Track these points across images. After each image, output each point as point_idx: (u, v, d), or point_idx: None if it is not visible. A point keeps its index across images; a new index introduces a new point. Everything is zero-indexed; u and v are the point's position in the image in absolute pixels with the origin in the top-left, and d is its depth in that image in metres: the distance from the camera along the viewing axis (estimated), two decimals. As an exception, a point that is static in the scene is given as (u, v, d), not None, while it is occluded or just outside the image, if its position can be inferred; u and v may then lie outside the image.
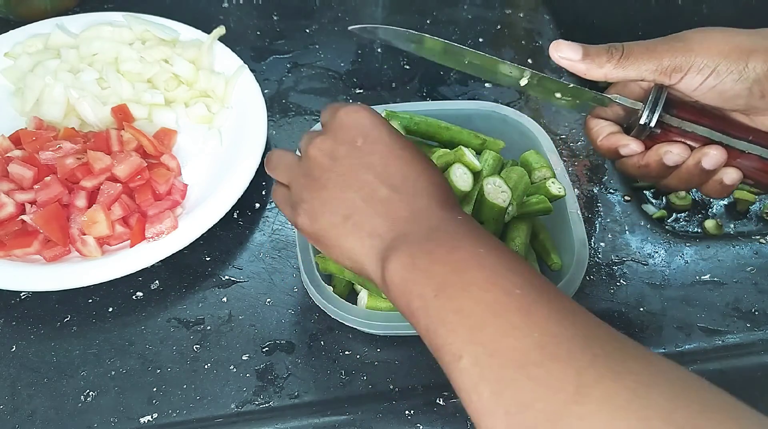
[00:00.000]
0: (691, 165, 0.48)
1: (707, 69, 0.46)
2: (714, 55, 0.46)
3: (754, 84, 0.46)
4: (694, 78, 0.46)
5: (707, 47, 0.46)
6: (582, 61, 0.48)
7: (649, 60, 0.47)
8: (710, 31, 0.47)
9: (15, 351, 0.60)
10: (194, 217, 0.65)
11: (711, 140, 0.47)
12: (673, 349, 0.62)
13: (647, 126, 0.48)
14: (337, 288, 0.61)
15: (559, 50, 0.49)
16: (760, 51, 0.45)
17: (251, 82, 0.77)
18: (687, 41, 0.47)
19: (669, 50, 0.46)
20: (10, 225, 0.63)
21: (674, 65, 0.46)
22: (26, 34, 0.80)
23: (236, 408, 0.57)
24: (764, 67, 0.45)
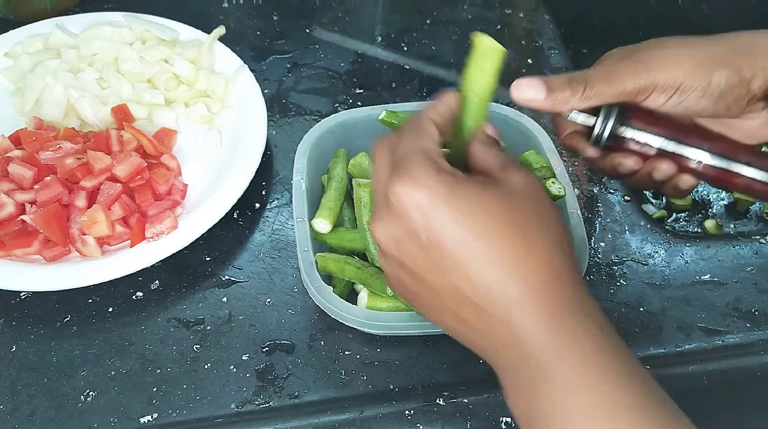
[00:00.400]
0: (644, 174, 0.49)
1: (671, 88, 0.45)
2: (676, 74, 0.45)
3: (719, 99, 0.45)
4: (658, 97, 0.46)
5: (668, 65, 0.45)
6: (546, 100, 0.47)
7: (613, 87, 0.46)
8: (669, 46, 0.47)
9: (15, 351, 0.60)
10: (194, 217, 0.65)
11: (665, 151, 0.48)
12: (673, 349, 0.62)
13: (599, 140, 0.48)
14: (337, 288, 0.61)
15: (520, 92, 0.47)
16: (721, 65, 0.45)
17: (251, 82, 0.77)
18: (647, 61, 0.46)
19: (631, 74, 0.46)
20: (10, 225, 0.63)
21: (638, 88, 0.46)
22: (26, 34, 0.80)
23: (236, 408, 0.57)
24: (728, 82, 0.45)
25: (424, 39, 0.90)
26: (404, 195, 0.39)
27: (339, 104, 0.81)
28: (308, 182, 0.63)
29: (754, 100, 0.46)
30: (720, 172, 0.47)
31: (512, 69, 0.87)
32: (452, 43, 0.90)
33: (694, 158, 0.47)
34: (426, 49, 0.89)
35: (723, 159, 0.47)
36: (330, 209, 0.61)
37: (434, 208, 0.39)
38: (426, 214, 0.39)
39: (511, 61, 0.88)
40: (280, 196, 0.72)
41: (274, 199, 0.72)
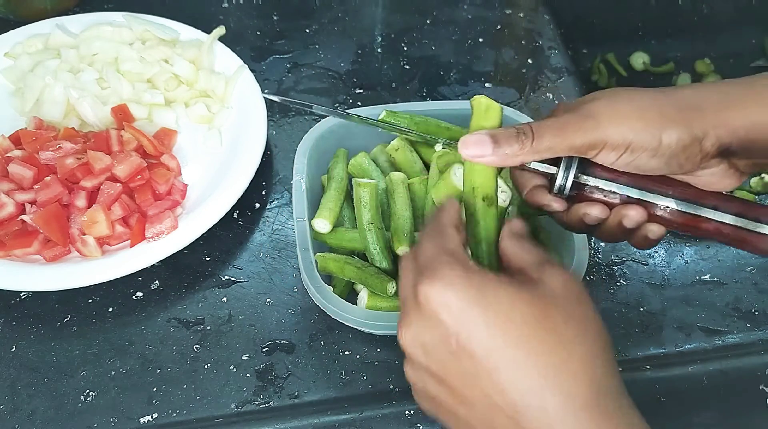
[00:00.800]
0: (613, 224, 0.47)
1: (621, 146, 0.44)
2: (626, 132, 0.43)
3: (671, 158, 0.44)
4: (609, 154, 0.44)
5: (617, 123, 0.44)
6: (494, 155, 0.45)
7: (562, 141, 0.44)
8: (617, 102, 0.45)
9: (15, 351, 0.60)
10: (194, 217, 0.65)
11: (630, 198, 0.47)
12: (673, 349, 0.62)
13: (563, 190, 0.47)
14: (337, 288, 0.61)
15: (467, 149, 0.46)
16: (672, 124, 0.43)
17: (251, 82, 0.77)
18: (596, 117, 0.44)
19: (579, 129, 0.44)
20: (10, 225, 0.63)
21: (587, 143, 0.44)
22: (26, 34, 0.80)
23: (236, 408, 0.57)
24: (679, 142, 0.43)
25: (424, 39, 0.90)
26: (433, 296, 0.38)
27: (339, 104, 0.81)
28: (308, 182, 0.63)
29: (707, 157, 0.44)
30: (688, 218, 0.46)
31: (512, 69, 0.87)
32: (452, 43, 0.90)
33: (660, 205, 0.46)
34: (426, 49, 0.89)
35: (690, 204, 0.46)
36: (330, 209, 0.61)
37: (464, 311, 0.37)
38: (456, 317, 0.37)
39: (511, 61, 0.88)
40: (280, 196, 0.72)
41: (274, 199, 0.72)
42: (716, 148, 0.44)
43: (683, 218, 0.47)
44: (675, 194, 0.46)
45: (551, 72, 0.87)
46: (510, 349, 0.36)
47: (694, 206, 0.46)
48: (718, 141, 0.44)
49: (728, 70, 1.12)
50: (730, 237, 0.46)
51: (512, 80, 0.86)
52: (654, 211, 0.47)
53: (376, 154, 0.68)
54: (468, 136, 0.46)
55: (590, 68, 1.13)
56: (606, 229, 0.48)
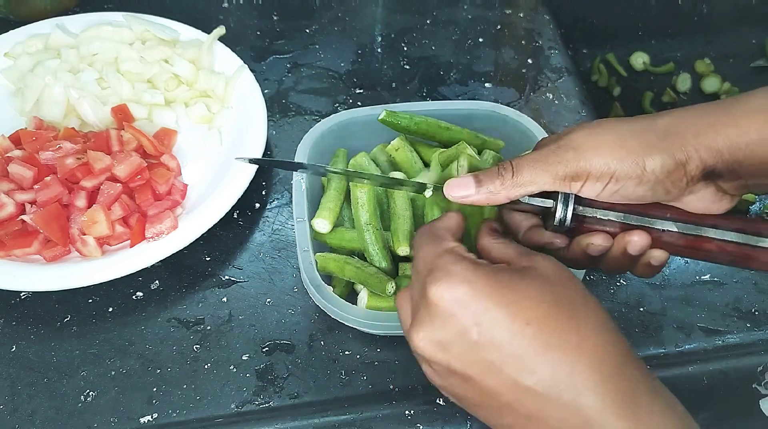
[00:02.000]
0: (617, 253, 0.47)
1: (605, 176, 0.44)
2: (609, 161, 0.44)
3: (656, 185, 0.44)
4: (594, 185, 0.45)
5: (600, 153, 0.44)
6: (478, 193, 0.46)
7: (544, 173, 0.45)
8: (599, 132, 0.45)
9: (15, 351, 0.60)
10: (194, 217, 0.65)
11: (629, 225, 0.47)
12: (673, 349, 0.62)
13: (563, 223, 0.47)
14: (337, 288, 0.61)
15: (451, 191, 0.47)
16: (653, 149, 0.44)
17: (251, 82, 0.77)
18: (577, 149, 0.44)
19: (560, 161, 0.45)
20: (10, 225, 0.63)
21: (571, 174, 0.44)
22: (26, 34, 0.80)
23: (236, 408, 0.57)
24: (663, 168, 0.43)
25: (424, 39, 0.90)
26: (445, 294, 0.38)
27: (339, 104, 0.81)
28: (308, 182, 0.63)
29: (693, 181, 0.44)
30: (690, 240, 0.46)
31: (512, 69, 0.87)
32: (452, 43, 0.90)
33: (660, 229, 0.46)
34: (426, 49, 0.89)
35: (690, 225, 0.46)
36: (330, 209, 0.61)
37: (480, 302, 0.38)
38: (472, 310, 0.38)
39: (511, 61, 0.88)
40: (280, 196, 0.72)
41: (274, 199, 0.72)
42: (700, 170, 0.44)
43: (685, 240, 0.46)
44: (674, 217, 0.46)
45: (551, 72, 0.87)
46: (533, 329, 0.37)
47: (694, 227, 0.46)
48: (702, 163, 0.44)
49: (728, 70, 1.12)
50: (733, 255, 0.46)
51: (512, 80, 0.86)
52: (655, 237, 0.46)
53: (376, 154, 0.68)
54: (452, 180, 0.47)
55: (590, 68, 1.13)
56: (610, 259, 0.47)
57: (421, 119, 0.66)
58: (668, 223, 0.46)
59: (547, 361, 0.37)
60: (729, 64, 1.13)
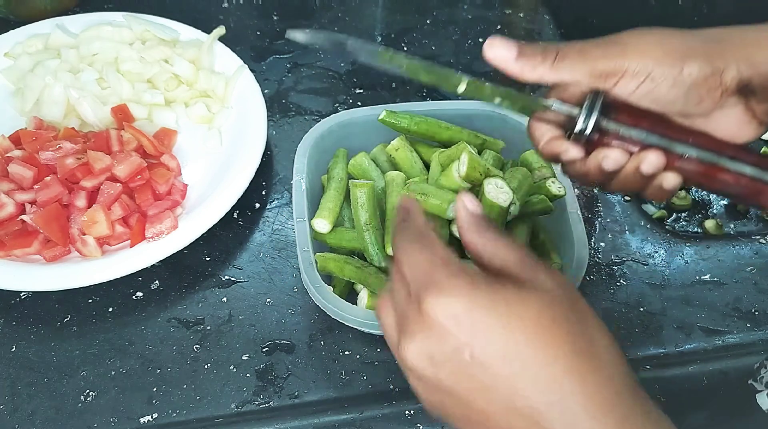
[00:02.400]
0: (630, 170, 0.46)
1: (641, 74, 0.44)
2: (648, 60, 0.44)
3: (690, 89, 0.44)
4: (629, 83, 0.45)
5: (641, 52, 0.44)
6: (516, 61, 0.45)
7: (584, 63, 0.45)
8: (646, 34, 0.45)
9: (15, 351, 0.60)
10: (194, 217, 0.65)
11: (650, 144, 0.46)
12: (673, 349, 0.62)
13: (583, 132, 0.47)
14: (337, 288, 0.61)
15: (492, 49, 0.46)
16: (695, 55, 0.44)
17: (251, 82, 0.77)
18: (622, 45, 0.45)
19: (603, 54, 0.45)
20: (10, 225, 0.63)
21: (608, 69, 0.44)
22: (26, 34, 0.80)
23: (236, 408, 0.57)
24: (700, 72, 0.43)
25: (424, 39, 0.90)
26: (442, 307, 0.37)
27: (339, 104, 0.81)
28: (308, 182, 0.63)
29: (727, 92, 0.45)
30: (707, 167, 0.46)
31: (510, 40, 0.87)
32: (452, 43, 0.90)
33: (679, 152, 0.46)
34: (426, 49, 0.89)
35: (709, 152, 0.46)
36: (330, 209, 0.61)
37: (475, 321, 0.36)
38: (467, 328, 0.36)
39: (511, 61, 0.88)
40: (280, 196, 0.72)
41: (274, 199, 0.72)
42: (736, 82, 0.44)
43: (702, 167, 0.46)
44: (695, 142, 0.46)
45: (551, 72, 0.87)
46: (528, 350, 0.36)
47: (713, 155, 0.46)
48: (739, 74, 0.44)
49: (728, 70, 1.12)
50: (747, 188, 0.46)
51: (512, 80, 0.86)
52: (672, 160, 0.46)
53: (376, 154, 0.68)
54: (495, 38, 0.46)
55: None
56: (622, 177, 0.47)
57: (421, 119, 0.66)
58: (688, 148, 0.46)
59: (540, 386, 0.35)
60: (729, 64, 1.13)
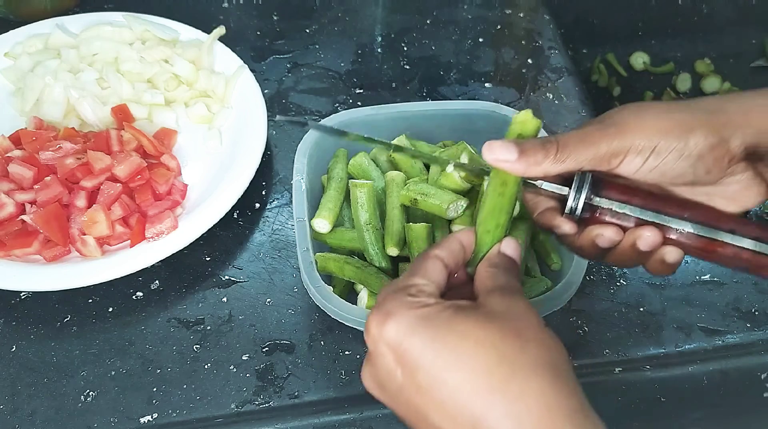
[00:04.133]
0: (626, 246, 0.46)
1: (646, 150, 0.43)
2: (652, 135, 0.43)
3: (698, 161, 0.43)
4: (633, 160, 0.44)
5: (643, 127, 0.43)
6: (518, 161, 0.45)
7: (586, 150, 0.44)
8: (643, 110, 0.45)
9: (15, 351, 0.60)
10: (194, 217, 0.65)
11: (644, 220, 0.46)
12: (673, 349, 0.62)
13: (574, 211, 0.46)
14: (337, 288, 0.61)
15: (492, 152, 0.45)
16: (699, 127, 0.43)
17: (251, 82, 0.77)
18: (619, 125, 0.44)
19: (603, 137, 0.44)
20: (10, 225, 0.63)
21: (612, 151, 0.44)
22: (26, 34, 0.80)
23: (236, 408, 0.57)
24: (706, 143, 0.43)
25: (424, 39, 0.90)
26: (376, 330, 0.38)
27: (339, 104, 0.81)
28: (308, 182, 0.63)
29: (735, 160, 0.44)
30: (705, 242, 0.45)
31: (512, 69, 0.87)
32: (452, 43, 0.90)
33: (675, 228, 0.45)
34: (426, 49, 0.89)
35: (705, 227, 0.45)
36: (330, 209, 0.61)
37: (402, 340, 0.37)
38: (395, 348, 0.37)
39: (511, 61, 0.88)
40: (280, 196, 0.72)
41: (274, 199, 0.72)
42: (743, 149, 0.44)
43: (700, 242, 0.45)
44: (691, 217, 0.45)
45: (551, 72, 0.87)
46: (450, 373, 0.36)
47: (710, 230, 0.45)
48: (745, 142, 0.44)
49: (728, 70, 1.12)
50: (748, 263, 0.45)
51: (512, 80, 0.86)
52: (669, 235, 0.46)
53: (376, 154, 0.68)
54: (494, 141, 0.45)
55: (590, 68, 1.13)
56: (619, 253, 0.47)
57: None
58: (685, 222, 0.45)
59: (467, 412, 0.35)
60: (729, 64, 1.13)
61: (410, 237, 0.59)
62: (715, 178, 0.45)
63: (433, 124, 0.69)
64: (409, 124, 0.68)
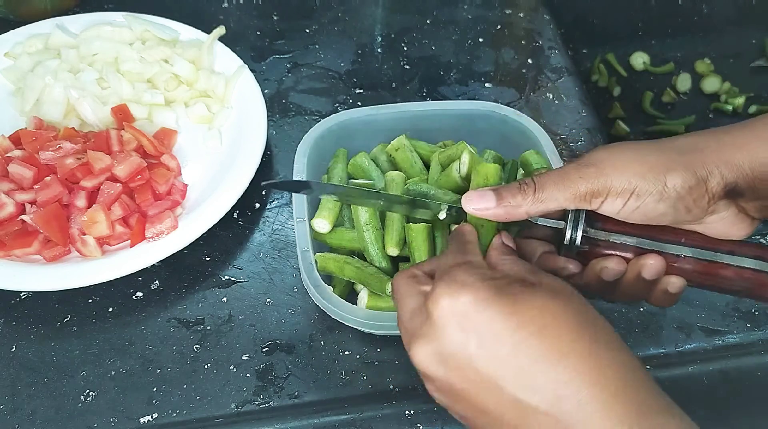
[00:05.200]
0: (631, 278, 0.46)
1: (626, 192, 0.44)
2: (630, 177, 0.43)
3: (677, 201, 0.44)
4: (614, 202, 0.44)
5: (621, 169, 0.44)
6: (498, 207, 0.46)
7: (565, 189, 0.45)
8: (620, 151, 0.45)
9: (15, 351, 0.60)
10: (194, 217, 0.65)
11: (643, 249, 0.46)
12: (673, 349, 0.62)
13: (573, 244, 0.46)
14: (337, 288, 0.61)
15: (471, 203, 0.46)
16: (676, 168, 0.43)
17: (251, 82, 0.77)
18: (598, 165, 0.44)
19: (581, 177, 0.44)
20: (10, 225, 0.63)
21: (591, 190, 0.44)
22: (26, 34, 0.80)
23: (236, 408, 0.57)
24: (685, 184, 0.43)
25: (424, 39, 0.90)
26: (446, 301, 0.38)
27: (339, 104, 0.81)
28: (308, 182, 0.63)
29: (714, 199, 0.44)
30: (705, 265, 0.45)
31: (512, 69, 0.87)
32: (452, 43, 0.90)
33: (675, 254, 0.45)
34: (426, 49, 0.89)
35: (705, 251, 0.45)
36: (330, 209, 0.61)
37: (481, 311, 0.37)
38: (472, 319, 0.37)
39: (511, 61, 0.88)
40: (280, 196, 0.72)
41: (274, 199, 0.72)
42: (722, 187, 0.44)
43: (700, 266, 0.45)
44: (688, 242, 0.46)
45: (551, 72, 0.87)
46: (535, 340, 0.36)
47: (709, 253, 0.45)
48: (723, 180, 0.43)
49: (728, 70, 1.12)
50: (750, 281, 0.45)
51: (512, 80, 0.86)
52: (670, 263, 0.46)
53: (376, 154, 0.68)
54: (471, 192, 0.47)
55: (590, 68, 1.13)
56: (625, 284, 0.47)
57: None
58: (683, 248, 0.46)
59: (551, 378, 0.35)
60: (729, 64, 1.13)
61: (410, 237, 0.59)
62: (697, 217, 0.45)
63: (433, 124, 0.69)
64: (409, 124, 0.68)
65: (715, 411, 0.63)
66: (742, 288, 0.46)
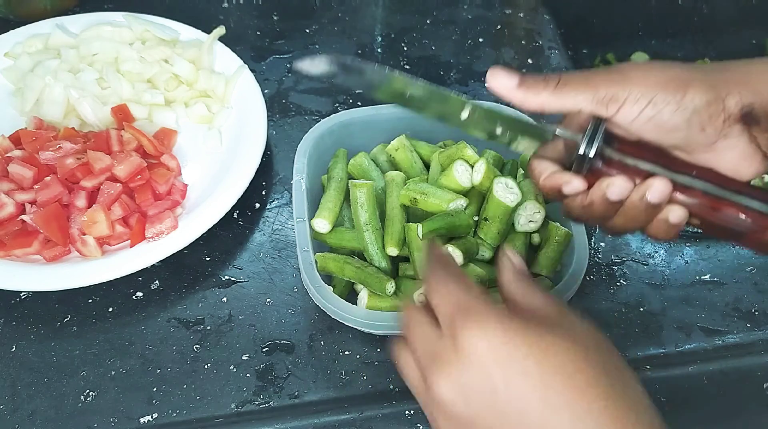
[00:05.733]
0: (635, 199, 0.46)
1: (644, 99, 0.44)
2: (651, 86, 0.44)
3: (693, 115, 0.44)
4: (631, 109, 0.44)
5: (644, 78, 0.44)
6: (518, 89, 0.46)
7: (586, 89, 0.45)
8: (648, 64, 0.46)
9: (15, 351, 0.60)
10: (194, 217, 0.65)
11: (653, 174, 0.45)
12: (673, 349, 0.62)
13: (586, 157, 0.46)
14: (337, 288, 0.61)
15: (494, 78, 0.46)
16: (698, 82, 0.44)
17: (251, 82, 0.77)
18: (624, 73, 0.45)
19: (605, 80, 0.45)
20: (10, 225, 0.63)
21: (610, 95, 0.44)
22: (26, 34, 0.80)
23: (236, 408, 0.57)
24: (703, 98, 0.43)
25: (424, 39, 0.90)
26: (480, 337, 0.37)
27: (339, 104, 0.81)
28: (308, 182, 0.63)
29: (730, 120, 0.44)
30: (712, 200, 0.45)
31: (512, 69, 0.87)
32: (452, 43, 0.90)
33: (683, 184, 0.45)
34: (426, 49, 0.89)
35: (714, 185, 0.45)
36: (330, 209, 0.61)
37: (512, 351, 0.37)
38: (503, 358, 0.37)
39: (511, 61, 0.88)
40: (280, 196, 0.72)
41: (274, 199, 0.72)
42: (739, 107, 0.44)
43: (707, 200, 0.45)
44: (699, 175, 0.45)
45: (551, 72, 0.87)
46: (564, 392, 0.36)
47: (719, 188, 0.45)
48: (742, 101, 0.44)
49: (728, 70, 1.11)
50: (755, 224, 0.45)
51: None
52: (677, 193, 0.45)
53: (376, 154, 0.68)
54: (497, 67, 0.46)
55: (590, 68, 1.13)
56: (627, 208, 0.46)
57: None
58: (693, 179, 0.45)
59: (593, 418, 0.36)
60: (729, 64, 1.13)
61: (410, 237, 0.59)
62: (710, 139, 0.45)
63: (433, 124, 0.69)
64: (409, 124, 0.68)
65: (715, 411, 0.63)
66: (745, 229, 0.45)
